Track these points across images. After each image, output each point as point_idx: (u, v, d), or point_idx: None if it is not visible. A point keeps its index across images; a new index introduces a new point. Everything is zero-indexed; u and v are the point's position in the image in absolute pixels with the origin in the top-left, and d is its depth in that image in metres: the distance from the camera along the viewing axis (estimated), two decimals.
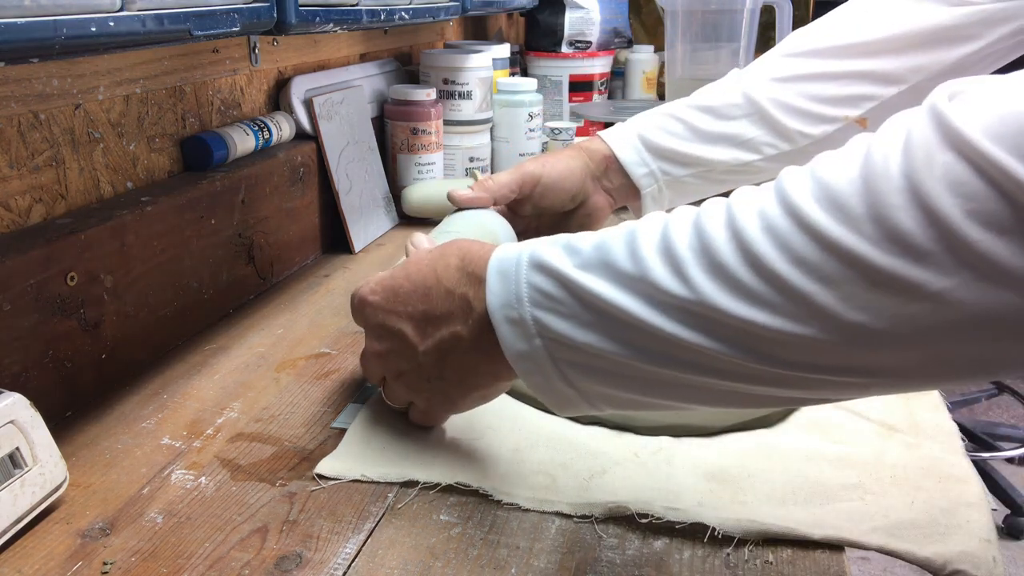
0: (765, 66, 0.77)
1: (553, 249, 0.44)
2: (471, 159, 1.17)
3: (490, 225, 0.72)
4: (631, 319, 0.39)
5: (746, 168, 0.76)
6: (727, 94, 0.76)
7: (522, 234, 0.76)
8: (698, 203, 0.41)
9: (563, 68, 1.54)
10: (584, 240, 0.43)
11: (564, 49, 1.54)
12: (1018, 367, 0.34)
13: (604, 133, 0.79)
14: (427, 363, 0.51)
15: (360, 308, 0.55)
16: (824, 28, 0.76)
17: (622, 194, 0.79)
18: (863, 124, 0.73)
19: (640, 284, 0.39)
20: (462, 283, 0.49)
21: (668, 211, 0.41)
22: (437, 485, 0.52)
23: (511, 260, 0.45)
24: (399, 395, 0.56)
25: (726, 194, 0.40)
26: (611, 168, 0.78)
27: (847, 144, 0.35)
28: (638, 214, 0.80)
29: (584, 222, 0.79)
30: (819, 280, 0.33)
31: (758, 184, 0.38)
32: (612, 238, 0.41)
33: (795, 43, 0.77)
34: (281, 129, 0.89)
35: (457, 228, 0.70)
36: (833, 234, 0.33)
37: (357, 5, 0.74)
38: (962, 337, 0.32)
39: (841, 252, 0.33)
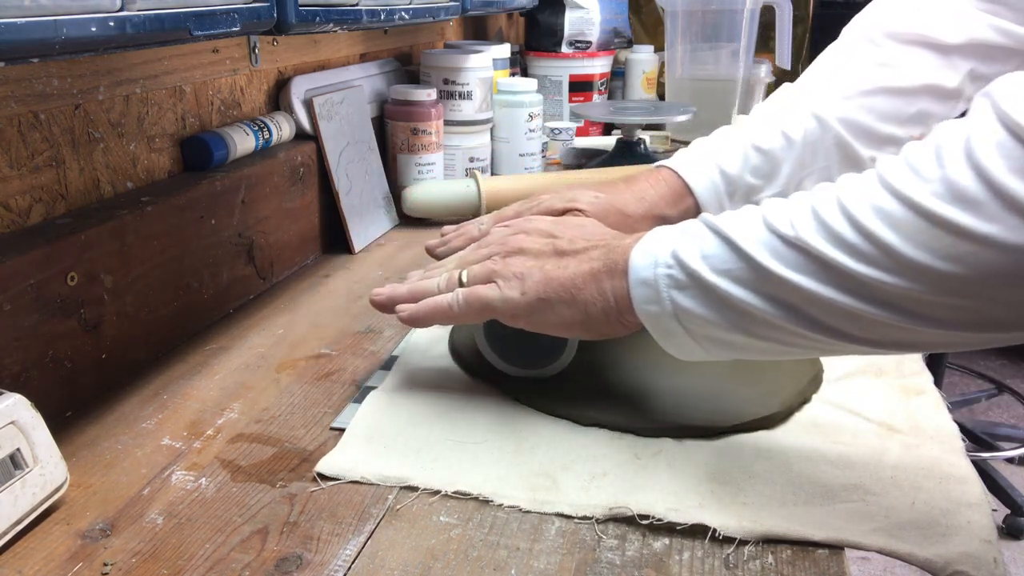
0: (838, 83, 0.72)
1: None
2: (471, 159, 1.17)
3: None
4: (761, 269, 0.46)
5: None
6: (798, 118, 0.72)
7: None
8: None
9: (563, 68, 1.54)
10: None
11: (564, 49, 1.54)
12: None
13: (677, 163, 0.73)
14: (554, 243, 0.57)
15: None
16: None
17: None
18: None
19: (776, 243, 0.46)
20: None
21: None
22: (438, 492, 0.52)
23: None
24: (482, 271, 0.58)
25: None
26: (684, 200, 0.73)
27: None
28: None
29: None
30: (893, 228, 0.41)
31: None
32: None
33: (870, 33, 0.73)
34: (281, 129, 0.89)
35: None
36: (911, 192, 0.40)
37: (357, 5, 0.74)
38: (1010, 280, 0.38)
39: (914, 204, 0.40)
